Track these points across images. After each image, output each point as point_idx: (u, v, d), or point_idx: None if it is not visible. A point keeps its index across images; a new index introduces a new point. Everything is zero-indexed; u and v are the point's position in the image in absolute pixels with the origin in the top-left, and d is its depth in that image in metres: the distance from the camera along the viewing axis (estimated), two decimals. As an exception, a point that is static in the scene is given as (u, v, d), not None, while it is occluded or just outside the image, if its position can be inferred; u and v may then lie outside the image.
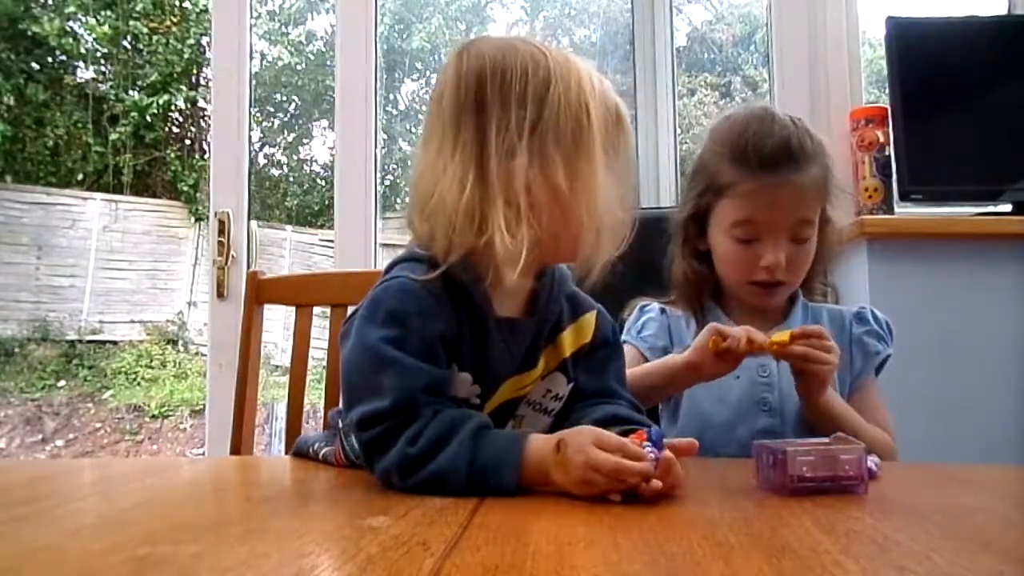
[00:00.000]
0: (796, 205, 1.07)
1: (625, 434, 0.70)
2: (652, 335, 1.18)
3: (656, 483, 0.65)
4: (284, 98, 8.00)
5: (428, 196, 0.80)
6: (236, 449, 1.33)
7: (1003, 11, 2.19)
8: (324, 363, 1.36)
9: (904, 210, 1.90)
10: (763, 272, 1.09)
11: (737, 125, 1.12)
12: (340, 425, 0.89)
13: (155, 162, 7.57)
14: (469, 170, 0.78)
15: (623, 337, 1.19)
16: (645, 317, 1.20)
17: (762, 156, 1.07)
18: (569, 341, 0.90)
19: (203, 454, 4.28)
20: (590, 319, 0.93)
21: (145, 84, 7.35)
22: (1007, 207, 1.88)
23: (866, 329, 1.16)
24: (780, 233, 1.08)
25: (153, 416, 6.23)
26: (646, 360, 1.16)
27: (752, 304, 1.15)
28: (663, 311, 1.20)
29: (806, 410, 1.06)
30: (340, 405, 0.92)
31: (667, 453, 0.67)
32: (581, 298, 0.94)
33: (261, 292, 1.39)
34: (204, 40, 7.20)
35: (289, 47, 7.63)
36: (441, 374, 0.77)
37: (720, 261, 1.15)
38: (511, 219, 0.77)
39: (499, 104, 0.79)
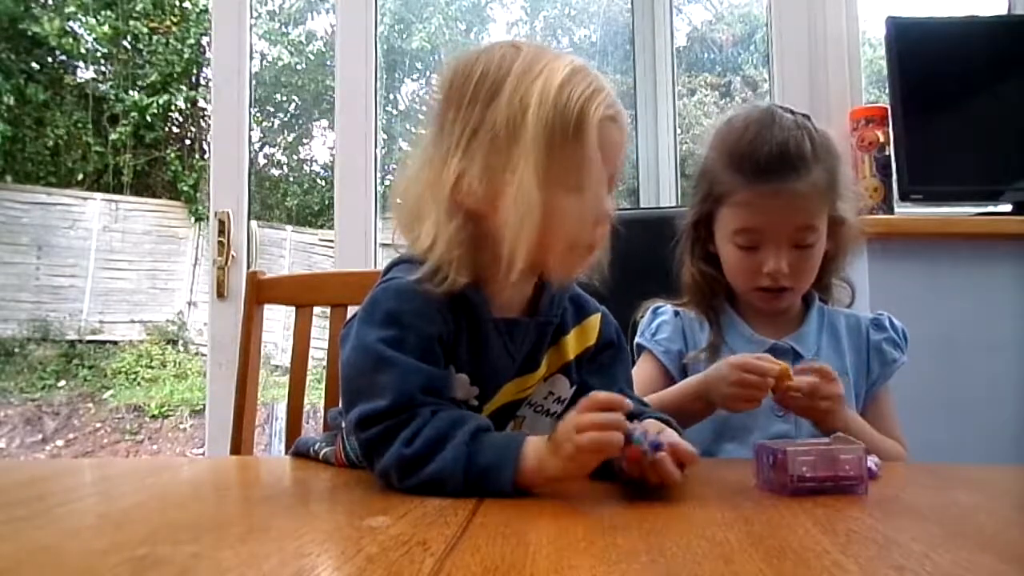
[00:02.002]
0: (795, 213, 1.05)
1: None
2: (667, 338, 1.17)
3: (662, 454, 0.66)
4: (284, 98, 8.00)
5: (395, 196, 0.85)
6: (236, 449, 1.33)
7: (1003, 11, 2.19)
8: (324, 363, 1.36)
9: (904, 210, 1.91)
10: (767, 279, 1.08)
11: (736, 130, 1.10)
12: (341, 425, 0.89)
13: (155, 162, 7.57)
14: (421, 171, 0.82)
15: (637, 340, 1.18)
16: (659, 320, 1.19)
17: (758, 165, 1.05)
18: (573, 344, 0.90)
19: (203, 454, 4.27)
20: (594, 321, 0.92)
21: (145, 84, 7.34)
22: (1007, 207, 1.88)
23: (884, 336, 1.15)
24: (781, 240, 1.06)
25: (153, 416, 6.23)
26: (663, 366, 1.15)
27: (759, 309, 1.14)
28: (677, 313, 1.19)
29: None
30: (340, 405, 0.92)
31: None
32: (585, 300, 0.93)
33: (261, 292, 1.39)
34: (204, 40, 7.20)
35: (289, 47, 7.62)
36: (439, 374, 0.77)
37: (726, 267, 1.14)
38: (437, 220, 0.79)
39: (455, 106, 0.80)
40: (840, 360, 1.12)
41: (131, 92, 7.32)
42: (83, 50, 7.35)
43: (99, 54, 7.48)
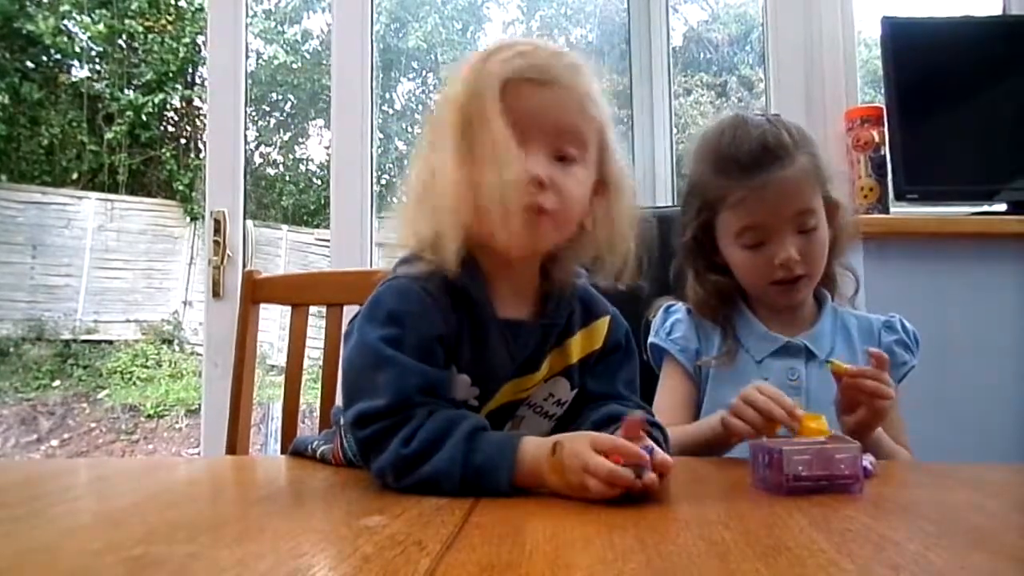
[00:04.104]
0: (791, 198, 1.07)
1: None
2: (683, 337, 1.17)
3: (650, 475, 0.64)
4: (280, 97, 7.99)
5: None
6: (231, 449, 1.33)
7: (998, 11, 2.19)
8: (320, 363, 1.36)
9: (899, 210, 1.91)
10: (780, 270, 1.08)
11: (712, 139, 1.13)
12: (341, 422, 0.89)
13: (150, 161, 7.55)
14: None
15: (651, 340, 1.18)
16: (673, 319, 1.19)
17: (741, 162, 1.07)
18: (578, 347, 0.89)
19: (199, 454, 4.27)
20: (602, 325, 0.91)
21: (140, 83, 7.33)
22: (1002, 206, 1.88)
23: (895, 338, 1.16)
24: (784, 229, 1.07)
25: (148, 416, 6.22)
26: (687, 372, 1.15)
27: (779, 304, 1.14)
28: (690, 311, 1.19)
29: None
30: (339, 403, 0.92)
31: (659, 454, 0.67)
32: (595, 301, 0.91)
33: (257, 291, 1.39)
34: (199, 39, 7.19)
35: (285, 46, 7.62)
36: (437, 374, 0.77)
37: (737, 270, 1.14)
38: (413, 214, 0.82)
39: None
40: (852, 360, 1.12)
41: (126, 91, 7.31)
42: (78, 49, 7.34)
43: (94, 53, 7.47)
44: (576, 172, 0.82)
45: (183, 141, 7.78)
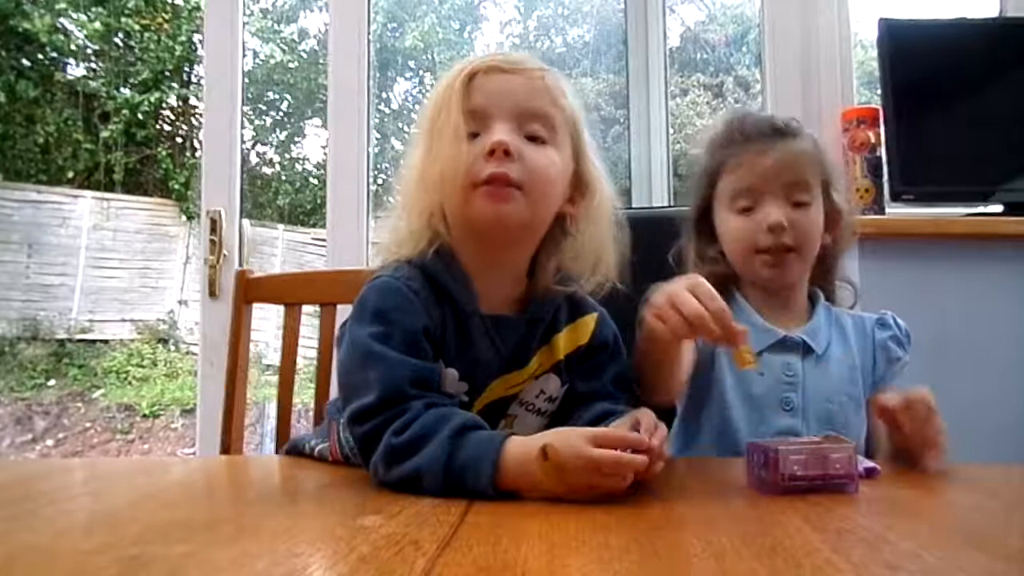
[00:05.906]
0: (787, 167, 1.09)
1: None
2: None
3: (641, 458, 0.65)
4: (276, 96, 7.97)
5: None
6: (226, 448, 1.33)
7: (994, 13, 2.20)
8: (315, 362, 1.35)
9: (895, 210, 1.91)
10: (768, 236, 1.08)
11: (720, 123, 1.18)
12: (339, 417, 0.89)
13: (146, 160, 7.53)
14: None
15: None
16: None
17: (746, 132, 1.12)
18: (564, 342, 0.90)
19: (194, 453, 4.25)
20: (589, 321, 0.92)
21: (136, 81, 7.30)
22: (998, 207, 1.89)
23: (889, 334, 1.16)
24: (777, 195, 1.09)
25: (144, 415, 6.20)
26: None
27: (766, 281, 1.13)
28: None
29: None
30: (335, 397, 0.93)
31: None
32: (583, 300, 0.93)
33: (249, 291, 1.39)
34: (196, 37, 7.17)
35: (282, 45, 7.60)
36: (426, 367, 0.78)
37: (728, 241, 1.14)
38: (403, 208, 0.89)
39: None
40: (848, 357, 1.13)
41: (122, 89, 7.29)
42: (74, 47, 7.31)
43: (90, 51, 7.44)
44: (547, 151, 0.84)
45: (179, 140, 7.76)
